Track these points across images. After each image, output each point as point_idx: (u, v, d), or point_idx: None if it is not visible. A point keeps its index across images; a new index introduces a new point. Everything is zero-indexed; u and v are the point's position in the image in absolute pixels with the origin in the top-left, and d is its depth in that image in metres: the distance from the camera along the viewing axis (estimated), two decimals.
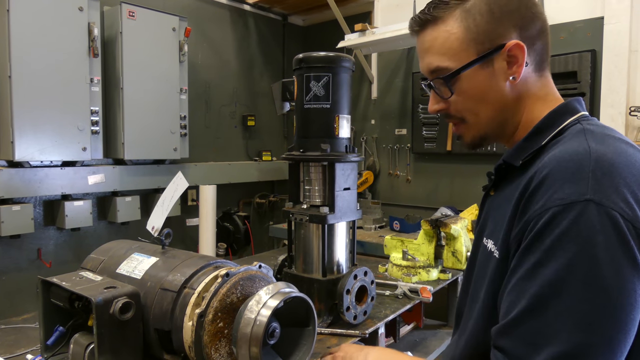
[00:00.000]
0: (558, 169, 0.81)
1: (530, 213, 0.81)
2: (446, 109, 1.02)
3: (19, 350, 1.69)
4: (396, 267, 2.57)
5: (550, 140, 0.92)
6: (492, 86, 0.96)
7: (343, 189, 1.96)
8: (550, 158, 0.84)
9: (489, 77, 0.95)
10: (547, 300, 0.75)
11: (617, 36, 3.01)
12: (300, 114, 2.00)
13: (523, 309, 0.77)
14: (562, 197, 0.77)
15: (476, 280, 1.01)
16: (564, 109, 0.95)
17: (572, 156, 0.81)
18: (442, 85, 0.99)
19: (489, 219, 1.03)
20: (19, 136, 2.74)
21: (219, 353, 1.33)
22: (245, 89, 4.57)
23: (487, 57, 0.94)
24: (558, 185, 0.78)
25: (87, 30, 2.99)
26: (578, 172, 0.78)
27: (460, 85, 0.97)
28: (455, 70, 0.95)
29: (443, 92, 1.00)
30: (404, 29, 3.50)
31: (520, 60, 0.93)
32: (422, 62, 1.02)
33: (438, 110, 1.03)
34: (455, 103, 0.99)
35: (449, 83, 0.97)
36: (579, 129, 0.89)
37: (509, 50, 0.93)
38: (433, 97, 1.03)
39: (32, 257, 3.12)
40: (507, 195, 0.96)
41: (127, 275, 1.57)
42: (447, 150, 3.84)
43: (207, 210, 3.36)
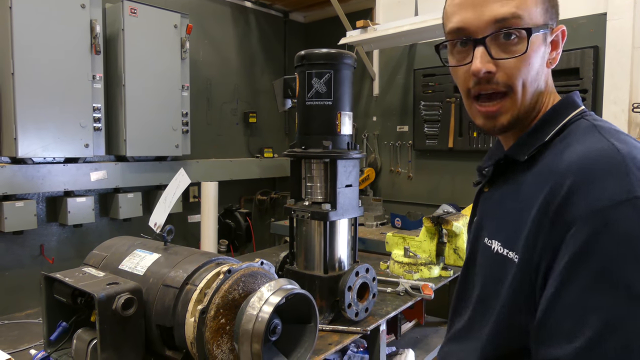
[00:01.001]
0: (591, 167, 0.76)
1: (570, 216, 0.74)
2: (493, 73, 0.87)
3: (22, 346, 1.70)
4: (398, 264, 2.58)
5: (554, 135, 0.89)
6: (542, 62, 0.90)
7: (345, 186, 1.96)
8: (576, 157, 0.80)
9: (543, 51, 0.89)
10: (625, 310, 0.68)
11: (620, 32, 3.00)
12: (302, 111, 2.00)
13: (600, 326, 0.69)
14: (608, 197, 0.72)
15: (485, 284, 0.96)
16: (565, 103, 0.93)
17: (601, 153, 0.77)
18: (506, 41, 0.86)
19: (487, 218, 1.00)
20: (22, 133, 2.75)
21: (221, 349, 1.34)
22: (247, 86, 4.57)
23: (548, 29, 0.89)
24: (598, 184, 0.73)
25: (89, 27, 2.99)
26: (615, 169, 0.74)
27: (529, 46, 0.85)
28: (536, 26, 0.86)
29: (503, 50, 0.87)
30: (405, 26, 3.49)
31: (559, 47, 0.91)
32: (485, 10, 0.86)
33: (488, 70, 0.87)
34: (509, 67, 0.87)
35: (525, 38, 0.85)
36: (589, 125, 0.86)
37: (556, 34, 0.91)
38: (483, 56, 0.87)
39: (35, 253, 3.13)
40: (509, 191, 0.93)
41: (129, 272, 1.58)
42: (449, 147, 3.84)
43: (208, 207, 3.37)
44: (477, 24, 0.87)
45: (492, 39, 0.86)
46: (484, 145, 3.64)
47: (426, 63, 4.03)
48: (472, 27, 0.88)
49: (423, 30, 3.44)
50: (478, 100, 0.92)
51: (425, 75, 3.97)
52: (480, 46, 0.87)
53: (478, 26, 0.87)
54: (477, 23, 0.87)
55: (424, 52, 4.08)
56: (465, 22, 0.88)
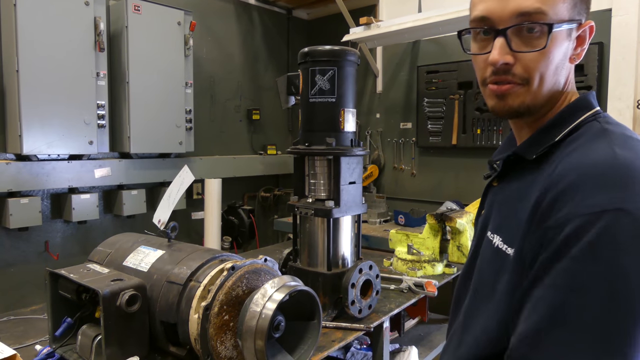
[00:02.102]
0: (584, 175, 0.76)
1: (552, 220, 0.77)
2: (512, 65, 0.87)
3: (27, 341, 1.71)
4: (401, 261, 2.58)
5: (565, 135, 0.88)
6: (564, 57, 0.89)
7: (348, 183, 1.96)
8: (573, 163, 0.80)
9: (566, 46, 0.88)
10: (573, 309, 0.72)
11: (625, 28, 2.99)
12: (305, 108, 2.00)
13: (548, 319, 0.74)
14: (591, 205, 0.73)
15: (482, 275, 0.98)
16: (580, 103, 0.92)
17: (599, 162, 0.77)
18: (528, 35, 0.86)
19: (493, 212, 1.00)
20: (26, 130, 2.76)
21: (225, 346, 1.34)
22: (250, 83, 4.57)
23: (573, 25, 0.88)
24: (586, 192, 0.74)
25: (93, 24, 3.00)
26: (606, 179, 0.74)
27: (549, 42, 0.85)
28: (559, 22, 0.85)
29: (525, 43, 0.86)
30: (409, 22, 3.48)
31: (585, 43, 0.91)
32: (510, 1, 0.86)
33: (506, 61, 0.87)
34: (528, 60, 0.86)
35: (545, 34, 0.85)
36: (599, 129, 0.85)
37: (583, 30, 0.90)
38: (503, 47, 0.86)
39: (40, 249, 3.15)
40: (517, 190, 0.92)
41: (133, 268, 1.59)
42: (452, 144, 3.83)
43: (212, 204, 3.37)
44: (500, 15, 0.86)
45: (513, 30, 0.86)
46: (487, 142, 3.64)
47: (430, 60, 4.01)
48: (495, 17, 0.87)
49: (426, 27, 3.42)
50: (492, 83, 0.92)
51: (428, 72, 3.96)
52: (501, 37, 0.87)
53: (501, 17, 0.86)
54: (500, 14, 0.86)
55: (427, 48, 4.07)
56: (489, 12, 0.88)
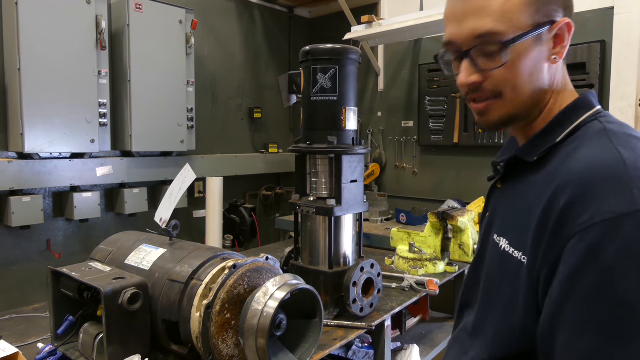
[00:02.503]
0: (594, 178, 0.75)
1: (569, 228, 0.74)
2: (480, 82, 0.90)
3: (30, 339, 1.71)
4: (403, 259, 2.58)
5: (566, 136, 0.88)
6: (537, 63, 0.89)
7: (350, 181, 1.96)
8: (579, 165, 0.79)
9: (537, 52, 0.88)
10: (623, 324, 0.68)
11: (628, 26, 2.98)
12: (307, 107, 2.00)
13: (597, 340, 0.69)
14: (610, 210, 0.70)
15: (490, 280, 0.96)
16: (580, 103, 0.92)
17: (606, 164, 0.76)
18: (488, 54, 0.88)
19: (498, 214, 1.00)
20: (28, 128, 2.76)
21: (226, 344, 1.34)
22: (252, 82, 4.57)
23: (542, 30, 0.87)
24: (601, 197, 0.72)
25: (95, 23, 3.00)
26: (617, 181, 0.73)
27: (511, 57, 0.87)
28: (516, 36, 0.85)
29: (487, 62, 0.88)
30: (411, 21, 3.48)
31: (565, 41, 0.90)
32: (464, 27, 0.88)
33: (474, 82, 0.90)
34: (496, 76, 0.88)
35: (502, 52, 0.86)
36: (600, 129, 0.85)
37: (559, 28, 0.88)
38: (468, 68, 0.90)
39: (42, 247, 3.16)
40: (519, 191, 0.92)
41: (135, 267, 1.59)
42: (454, 142, 3.83)
43: (213, 202, 3.38)
44: (461, 39, 0.89)
45: (476, 51, 0.88)
46: (489, 140, 3.63)
47: (431, 58, 3.99)
48: (457, 41, 0.90)
49: (428, 25, 3.42)
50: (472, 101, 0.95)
51: (430, 71, 3.96)
52: (466, 59, 0.90)
53: (461, 41, 0.89)
54: (460, 38, 0.89)
55: (429, 47, 4.06)
56: (452, 37, 0.91)
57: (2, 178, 2.79)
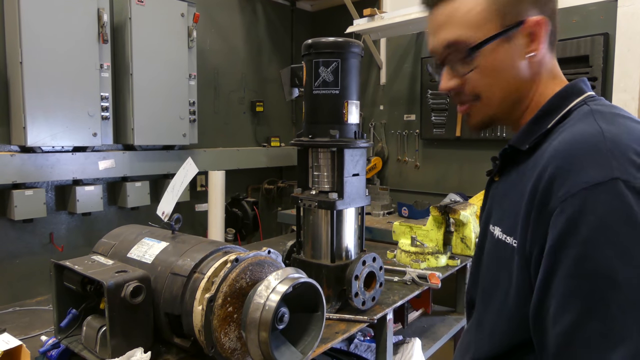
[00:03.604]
0: (573, 152, 0.77)
1: (552, 202, 0.75)
2: (460, 87, 0.96)
3: (33, 332, 1.72)
4: (405, 253, 2.58)
5: (556, 123, 0.90)
6: (511, 62, 0.92)
7: (352, 175, 1.96)
8: (561, 142, 0.81)
9: (509, 52, 0.91)
10: (604, 295, 0.68)
11: (631, 19, 2.96)
12: (309, 100, 2.00)
13: (579, 311, 0.70)
14: (586, 180, 0.72)
15: (488, 271, 0.98)
16: (569, 90, 0.93)
17: (585, 138, 0.78)
18: (460, 60, 0.93)
19: (494, 205, 1.01)
20: (30, 122, 2.76)
21: (228, 337, 1.35)
22: (254, 75, 4.56)
23: (511, 31, 0.90)
24: (578, 168, 0.74)
25: (97, 16, 2.99)
26: (596, 153, 0.74)
27: (481, 60, 0.92)
28: (480, 42, 0.90)
29: (460, 68, 0.94)
30: (413, 14, 3.46)
31: (541, 37, 0.91)
32: (437, 38, 0.96)
33: (452, 87, 0.97)
34: (472, 80, 0.94)
35: (470, 57, 0.92)
36: (586, 111, 0.86)
37: (531, 26, 0.90)
38: (447, 75, 0.97)
39: (45, 241, 3.17)
40: (513, 180, 0.94)
41: (137, 260, 1.59)
42: (456, 136, 3.82)
43: (216, 196, 3.38)
44: (436, 50, 0.97)
45: (450, 58, 0.95)
46: (491, 134, 3.62)
47: None
48: (434, 51, 0.98)
49: None
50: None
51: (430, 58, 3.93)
52: (444, 67, 0.98)
53: (437, 51, 0.97)
54: (436, 48, 0.97)
55: None
56: (431, 47, 1.00)
57: (5, 171, 2.79)
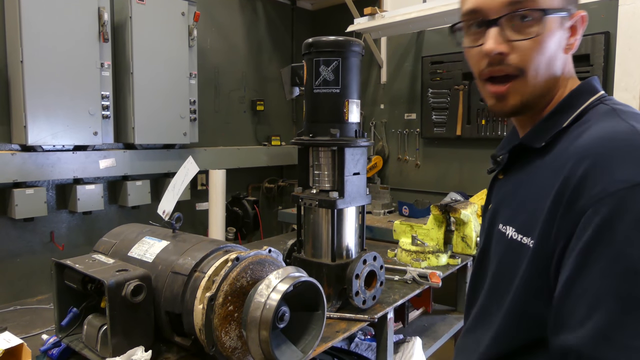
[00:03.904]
0: (607, 150, 0.73)
1: (583, 201, 0.72)
2: (507, 54, 0.86)
3: (34, 331, 1.72)
4: (405, 252, 2.58)
5: (572, 121, 0.87)
6: (558, 46, 0.87)
7: (352, 174, 1.96)
8: (590, 140, 0.78)
9: (560, 35, 0.87)
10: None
11: (632, 17, 2.95)
12: (309, 99, 2.00)
13: (614, 310, 0.67)
14: (625, 179, 0.68)
15: (498, 272, 0.94)
16: (584, 88, 0.91)
17: (619, 135, 0.75)
18: (520, 24, 0.85)
19: (502, 204, 0.98)
20: (31, 121, 2.76)
21: (229, 336, 1.35)
22: (254, 74, 4.56)
23: (565, 13, 0.86)
24: (615, 166, 0.71)
25: (97, 15, 2.99)
26: (633, 151, 0.71)
27: (542, 29, 0.84)
28: (554, 8, 0.84)
29: (515, 32, 0.85)
30: (413, 13, 3.46)
31: (578, 33, 0.89)
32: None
33: (501, 51, 0.86)
34: (523, 49, 0.85)
35: (538, 21, 0.83)
36: (608, 110, 0.84)
37: (576, 20, 0.87)
38: (497, 36, 0.86)
39: (46, 240, 3.17)
40: (524, 179, 0.91)
41: (138, 259, 1.59)
42: (457, 135, 3.82)
43: (216, 195, 3.38)
44: (491, 5, 0.86)
45: (506, 20, 0.85)
46: (492, 133, 3.62)
47: (434, 50, 3.99)
48: (486, 8, 0.87)
49: (431, 17, 3.40)
50: (489, 82, 0.91)
51: (433, 63, 3.94)
52: (494, 27, 0.86)
53: (492, 7, 0.86)
54: (491, 4, 0.86)
55: (432, 39, 4.04)
56: (479, 4, 0.88)
57: (6, 170, 2.79)
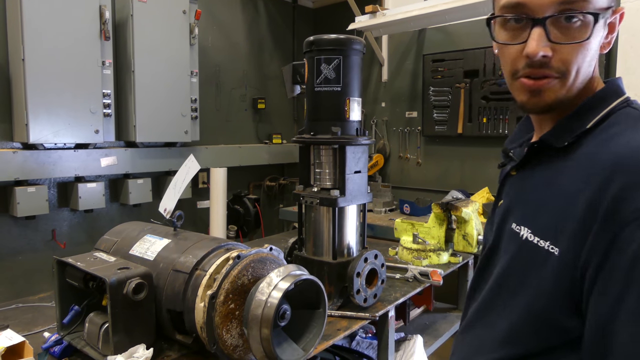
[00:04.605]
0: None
1: (623, 215, 0.69)
2: (549, 57, 0.80)
3: (36, 328, 1.73)
4: (406, 250, 2.58)
5: (597, 122, 0.83)
6: (598, 46, 0.83)
7: (354, 172, 1.96)
8: (629, 149, 0.74)
9: (600, 36, 0.82)
10: None
11: (635, 15, 2.94)
12: (310, 97, 2.00)
13: None
14: None
15: (507, 271, 0.90)
16: (609, 89, 0.87)
17: None
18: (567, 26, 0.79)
19: (516, 202, 0.93)
20: (33, 119, 2.77)
21: (230, 334, 1.35)
22: (256, 72, 4.56)
23: (610, 11, 0.81)
24: None
25: (99, 13, 2.99)
26: None
27: (592, 32, 0.79)
28: (604, 8, 0.79)
29: (564, 34, 0.79)
30: (415, 11, 3.45)
31: (615, 30, 0.85)
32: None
33: (545, 54, 0.80)
34: (567, 53, 0.80)
35: (592, 24, 0.78)
36: (638, 115, 0.81)
37: (613, 17, 0.83)
38: (541, 37, 0.79)
39: (47, 238, 3.18)
40: (544, 179, 0.88)
41: (139, 257, 1.60)
42: (458, 133, 3.81)
43: (217, 193, 3.38)
44: (540, 2, 0.79)
45: (552, 20, 0.79)
46: (493, 131, 3.62)
47: (435, 48, 3.98)
48: (533, 4, 0.80)
49: (432, 15, 3.39)
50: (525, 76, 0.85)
51: (434, 61, 3.93)
52: (539, 27, 0.79)
53: (540, 4, 0.79)
54: (540, 1, 0.79)
55: (433, 37, 4.03)
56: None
57: (7, 168, 2.80)
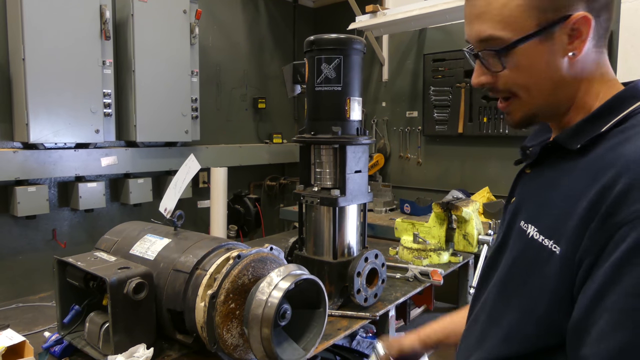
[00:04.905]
0: None
1: (621, 215, 0.70)
2: (493, 83, 0.91)
3: (36, 328, 1.73)
4: (407, 250, 2.58)
5: (613, 126, 0.82)
6: (549, 62, 0.85)
7: (354, 172, 1.96)
8: (635, 154, 0.75)
9: (548, 51, 0.84)
10: None
11: (635, 14, 2.93)
12: (311, 97, 2.00)
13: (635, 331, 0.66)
14: None
15: (512, 269, 0.91)
16: (629, 93, 0.86)
17: None
18: (492, 58, 0.88)
19: (526, 201, 0.94)
20: (33, 118, 2.77)
21: (231, 334, 1.35)
22: (256, 72, 4.55)
23: (549, 29, 0.83)
24: None
25: (99, 12, 2.99)
26: None
27: (514, 59, 0.86)
28: (511, 43, 0.84)
29: (492, 65, 0.89)
30: (415, 10, 3.45)
31: (584, 34, 0.84)
32: (471, 29, 0.90)
33: (483, 83, 0.91)
34: (506, 77, 0.88)
35: (502, 56, 0.86)
36: None
37: (573, 23, 0.82)
38: (478, 69, 0.91)
39: (48, 237, 3.18)
40: (553, 179, 0.88)
41: (140, 256, 1.60)
42: (459, 132, 3.81)
43: (218, 193, 3.38)
44: (470, 40, 0.91)
45: (484, 53, 0.89)
46: (494, 130, 3.61)
47: (436, 48, 3.98)
48: (471, 41, 0.91)
49: (433, 15, 3.39)
50: None
51: (435, 60, 3.93)
52: (477, 60, 0.91)
53: (471, 42, 0.91)
54: (470, 39, 0.91)
55: (433, 36, 4.03)
56: (466, 36, 0.92)
57: (8, 168, 2.80)
